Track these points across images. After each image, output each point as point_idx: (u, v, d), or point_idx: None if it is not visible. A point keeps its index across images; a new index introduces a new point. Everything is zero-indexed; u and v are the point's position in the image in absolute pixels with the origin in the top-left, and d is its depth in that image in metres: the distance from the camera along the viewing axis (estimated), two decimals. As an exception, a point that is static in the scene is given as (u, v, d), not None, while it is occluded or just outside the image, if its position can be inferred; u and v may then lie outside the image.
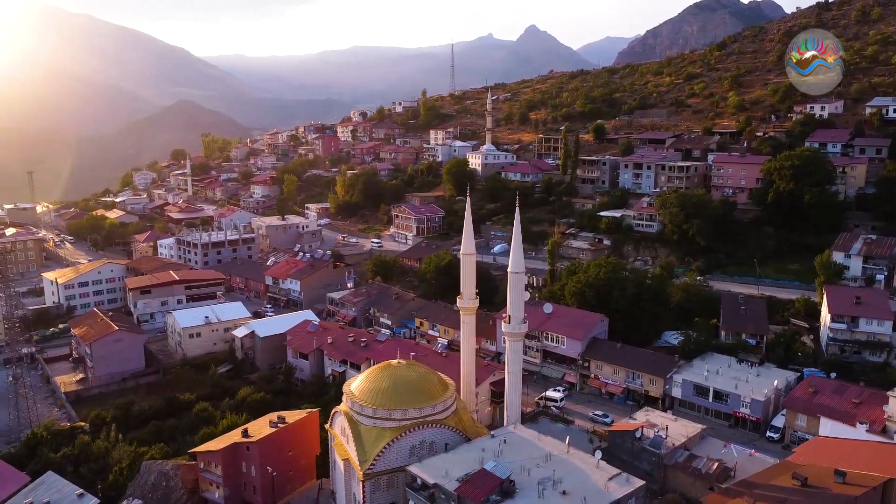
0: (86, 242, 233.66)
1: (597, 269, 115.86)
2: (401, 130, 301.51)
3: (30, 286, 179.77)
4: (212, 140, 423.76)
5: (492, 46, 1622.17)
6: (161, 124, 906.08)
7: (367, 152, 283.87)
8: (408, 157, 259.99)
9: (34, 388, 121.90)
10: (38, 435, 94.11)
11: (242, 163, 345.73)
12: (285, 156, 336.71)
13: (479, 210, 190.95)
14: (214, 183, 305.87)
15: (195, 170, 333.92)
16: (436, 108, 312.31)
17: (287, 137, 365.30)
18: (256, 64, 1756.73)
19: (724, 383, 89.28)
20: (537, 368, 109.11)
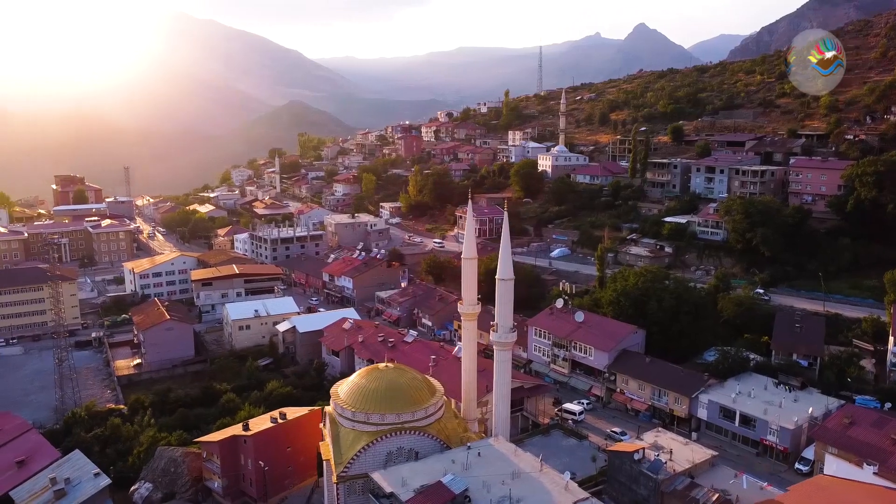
0: (175, 235, 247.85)
1: (636, 277, 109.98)
2: (482, 131, 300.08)
3: (116, 274, 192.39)
4: (307, 139, 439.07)
5: (599, 45, 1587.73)
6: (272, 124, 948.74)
7: (446, 152, 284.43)
8: (484, 157, 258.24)
9: (96, 371, 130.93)
10: (77, 414, 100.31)
11: (331, 161, 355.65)
12: (371, 155, 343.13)
13: (543, 212, 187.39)
14: (302, 181, 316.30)
15: (286, 168, 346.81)
16: (519, 108, 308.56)
17: (375, 137, 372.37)
18: (365, 65, 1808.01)
19: (752, 407, 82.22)
20: (565, 379, 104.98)
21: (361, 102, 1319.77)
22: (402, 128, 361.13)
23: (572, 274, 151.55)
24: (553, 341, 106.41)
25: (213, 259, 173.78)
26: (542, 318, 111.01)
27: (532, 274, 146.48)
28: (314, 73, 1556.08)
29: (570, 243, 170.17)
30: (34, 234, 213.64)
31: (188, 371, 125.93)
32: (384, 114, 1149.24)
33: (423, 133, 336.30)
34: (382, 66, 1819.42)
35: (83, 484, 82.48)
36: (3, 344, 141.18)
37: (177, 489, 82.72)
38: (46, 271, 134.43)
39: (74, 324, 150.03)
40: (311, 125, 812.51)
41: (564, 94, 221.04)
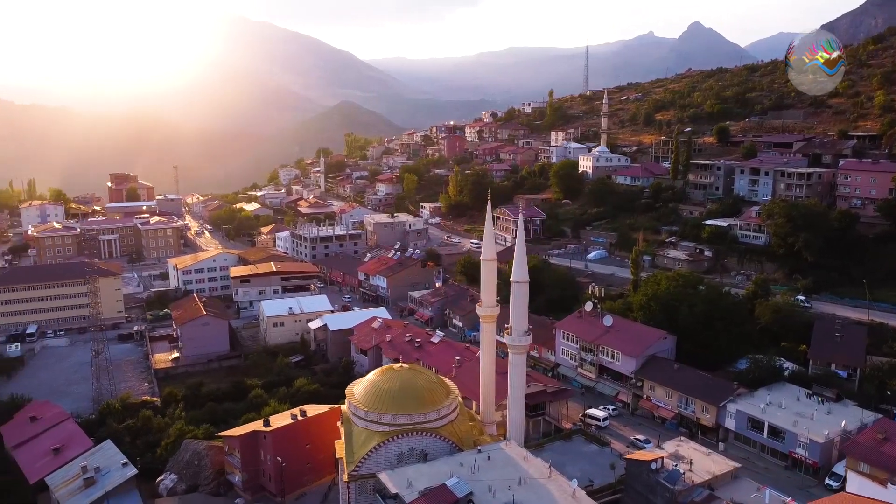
0: (221, 232, 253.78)
1: (668, 282, 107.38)
2: (525, 131, 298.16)
3: (162, 270, 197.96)
4: (354, 139, 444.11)
5: (652, 44, 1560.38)
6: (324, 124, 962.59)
7: (488, 152, 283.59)
8: (526, 158, 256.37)
9: (136, 363, 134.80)
10: (111, 406, 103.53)
11: (376, 161, 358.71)
12: (415, 155, 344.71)
13: (581, 214, 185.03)
14: (346, 180, 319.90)
15: (331, 167, 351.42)
16: (563, 108, 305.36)
17: (420, 138, 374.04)
18: (415, 66, 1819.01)
19: (781, 418, 79.24)
20: (592, 384, 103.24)
21: (411, 103, 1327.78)
22: (447, 128, 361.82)
23: (608, 277, 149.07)
24: (581, 345, 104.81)
25: (253, 256, 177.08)
26: (570, 322, 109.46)
27: (567, 276, 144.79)
28: (365, 73, 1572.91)
29: (608, 246, 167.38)
30: (86, 229, 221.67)
31: (223, 366, 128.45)
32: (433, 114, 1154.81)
33: (466, 133, 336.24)
34: (432, 66, 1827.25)
35: (111, 473, 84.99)
36: (50, 335, 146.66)
37: (200, 482, 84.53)
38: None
39: (118, 317, 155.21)
40: (361, 125, 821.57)
41: (607, 94, 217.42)
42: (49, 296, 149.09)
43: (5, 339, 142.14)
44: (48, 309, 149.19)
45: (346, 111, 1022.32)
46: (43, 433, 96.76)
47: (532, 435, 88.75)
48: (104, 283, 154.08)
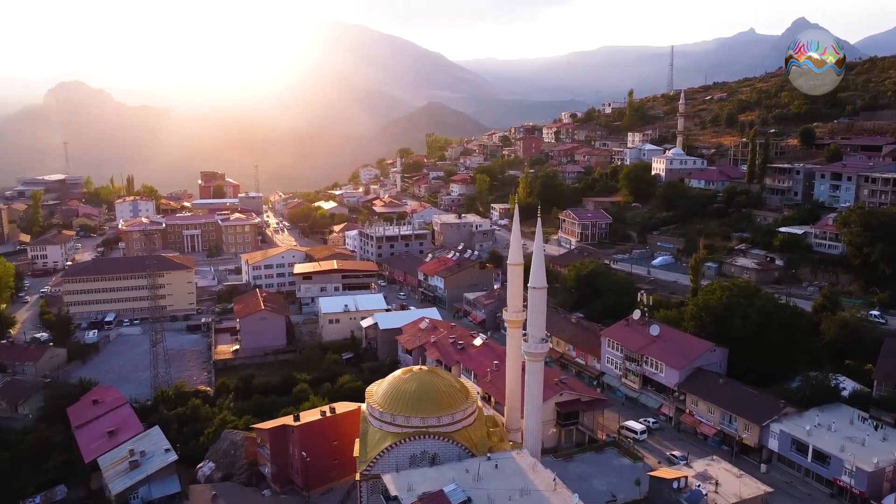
0: (297, 230, 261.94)
1: (722, 291, 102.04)
2: (603, 132, 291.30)
3: (238, 265, 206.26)
4: (434, 139, 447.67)
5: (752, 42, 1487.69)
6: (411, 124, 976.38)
7: (563, 154, 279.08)
8: (601, 160, 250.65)
9: (199, 354, 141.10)
10: (165, 393, 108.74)
11: (453, 162, 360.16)
12: (493, 156, 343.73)
13: (649, 218, 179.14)
14: (422, 180, 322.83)
15: (409, 167, 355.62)
16: (644, 109, 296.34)
17: (499, 138, 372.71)
18: (505, 66, 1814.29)
19: (828, 442, 73.70)
20: (636, 395, 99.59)
21: (499, 103, 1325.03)
22: (525, 129, 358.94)
23: (670, 284, 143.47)
24: (625, 355, 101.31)
25: (319, 254, 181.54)
26: (616, 330, 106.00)
27: (625, 282, 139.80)
28: (455, 74, 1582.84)
29: (675, 252, 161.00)
30: (171, 224, 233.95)
31: (278, 359, 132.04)
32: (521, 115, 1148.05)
33: (543, 134, 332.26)
34: (522, 66, 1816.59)
35: (155, 458, 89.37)
36: (126, 324, 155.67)
37: (234, 471, 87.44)
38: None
39: (189, 309, 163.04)
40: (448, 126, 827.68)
41: (684, 94, 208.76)
42: (125, 286, 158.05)
43: (87, 326, 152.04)
44: (125, 299, 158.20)
45: (434, 111, 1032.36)
46: (102, 416, 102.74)
47: (564, 444, 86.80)
48: (177, 276, 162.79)
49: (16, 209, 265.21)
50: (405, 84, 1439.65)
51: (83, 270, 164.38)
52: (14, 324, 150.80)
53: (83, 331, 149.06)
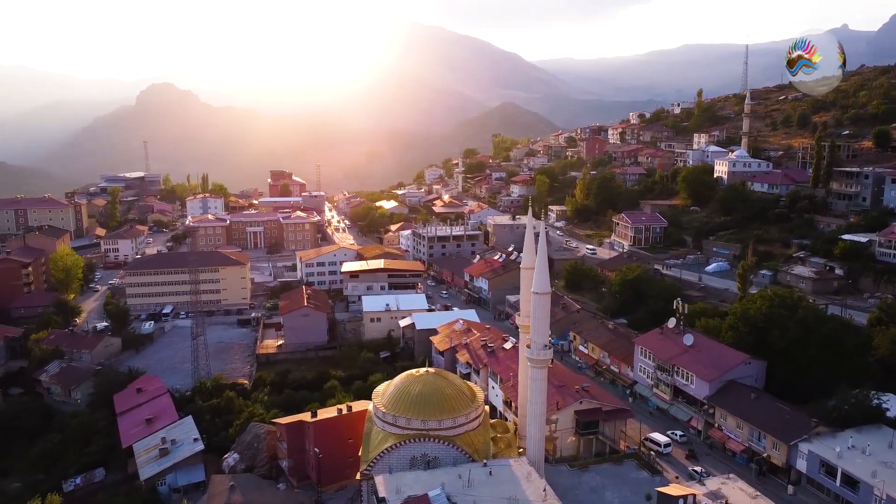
0: (357, 228, 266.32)
1: (762, 301, 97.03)
2: (669, 133, 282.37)
3: (294, 262, 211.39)
4: (500, 140, 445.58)
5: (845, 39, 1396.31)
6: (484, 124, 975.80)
7: (627, 155, 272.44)
8: (664, 161, 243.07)
9: (245, 347, 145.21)
10: (203, 384, 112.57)
11: (517, 162, 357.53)
12: (557, 157, 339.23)
13: (707, 223, 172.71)
14: (484, 181, 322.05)
15: (472, 168, 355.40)
16: (713, 109, 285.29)
17: (564, 139, 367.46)
18: (583, 66, 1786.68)
19: (860, 466, 68.88)
20: (666, 406, 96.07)
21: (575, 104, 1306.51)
22: (591, 129, 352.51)
23: (721, 292, 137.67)
24: (657, 364, 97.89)
25: (369, 253, 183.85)
26: (649, 338, 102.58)
27: (672, 288, 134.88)
28: (531, 74, 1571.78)
29: (731, 258, 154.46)
30: (235, 221, 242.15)
31: (319, 356, 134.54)
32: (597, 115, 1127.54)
33: (609, 135, 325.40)
34: (600, 66, 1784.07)
35: (183, 446, 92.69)
36: (182, 316, 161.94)
37: (256, 463, 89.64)
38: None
39: (242, 304, 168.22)
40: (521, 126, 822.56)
41: (750, 93, 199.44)
42: (181, 280, 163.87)
43: (145, 318, 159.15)
44: (181, 292, 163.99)
45: (507, 112, 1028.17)
46: (143, 404, 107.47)
47: (582, 454, 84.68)
48: (231, 271, 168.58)
49: (95, 205, 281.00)
50: (480, 84, 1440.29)
51: (144, 264, 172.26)
52: (80, 313, 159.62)
53: (142, 322, 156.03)
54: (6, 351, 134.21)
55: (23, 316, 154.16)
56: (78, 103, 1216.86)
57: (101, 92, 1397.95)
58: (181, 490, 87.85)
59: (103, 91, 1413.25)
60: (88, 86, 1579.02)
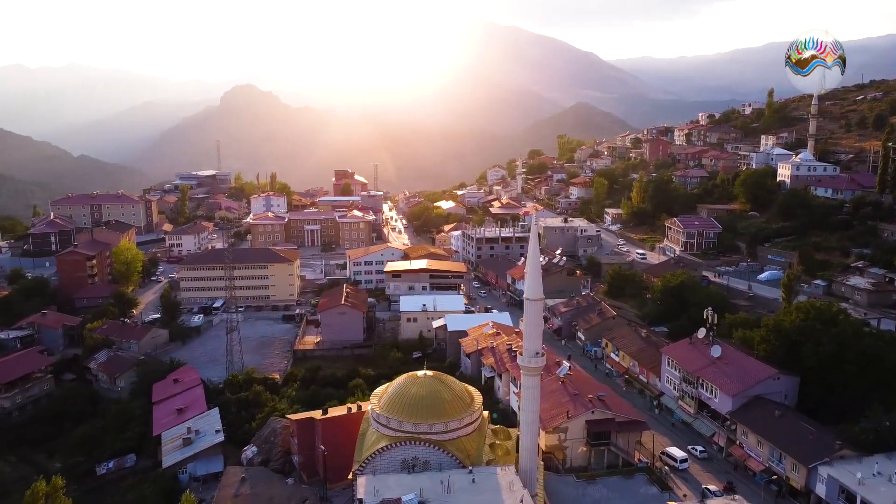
0: (412, 228, 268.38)
1: (798, 312, 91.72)
2: (737, 135, 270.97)
3: (345, 260, 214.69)
4: (565, 141, 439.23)
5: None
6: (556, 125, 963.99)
7: (691, 157, 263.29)
8: (728, 164, 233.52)
9: (286, 343, 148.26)
10: (235, 378, 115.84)
11: (580, 164, 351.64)
12: (621, 159, 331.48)
13: (763, 228, 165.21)
14: (543, 182, 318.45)
15: (534, 169, 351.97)
16: (785, 110, 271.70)
17: (630, 140, 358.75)
18: (662, 66, 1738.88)
19: (883, 496, 63.97)
20: (690, 419, 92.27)
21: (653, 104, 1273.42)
22: (658, 130, 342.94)
23: (771, 302, 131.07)
24: (682, 375, 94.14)
25: (415, 253, 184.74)
26: (677, 348, 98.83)
27: (717, 297, 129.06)
28: (607, 74, 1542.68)
29: (786, 266, 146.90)
30: (294, 219, 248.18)
31: (354, 353, 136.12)
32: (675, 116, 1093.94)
33: (675, 136, 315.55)
34: (680, 65, 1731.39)
35: (206, 437, 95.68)
36: (233, 311, 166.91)
37: (271, 457, 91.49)
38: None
39: (289, 300, 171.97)
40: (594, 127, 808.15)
41: (816, 95, 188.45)
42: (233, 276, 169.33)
43: (198, 311, 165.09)
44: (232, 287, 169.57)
45: (581, 112, 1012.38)
46: (177, 394, 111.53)
47: (593, 465, 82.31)
48: (279, 268, 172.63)
49: (166, 202, 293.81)
50: (555, 84, 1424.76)
51: (197, 259, 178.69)
52: (137, 305, 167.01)
53: (194, 314, 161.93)
54: (64, 338, 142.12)
55: (85, 306, 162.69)
56: (168, 104, 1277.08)
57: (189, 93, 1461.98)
58: (200, 479, 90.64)
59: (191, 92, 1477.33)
60: (178, 87, 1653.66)
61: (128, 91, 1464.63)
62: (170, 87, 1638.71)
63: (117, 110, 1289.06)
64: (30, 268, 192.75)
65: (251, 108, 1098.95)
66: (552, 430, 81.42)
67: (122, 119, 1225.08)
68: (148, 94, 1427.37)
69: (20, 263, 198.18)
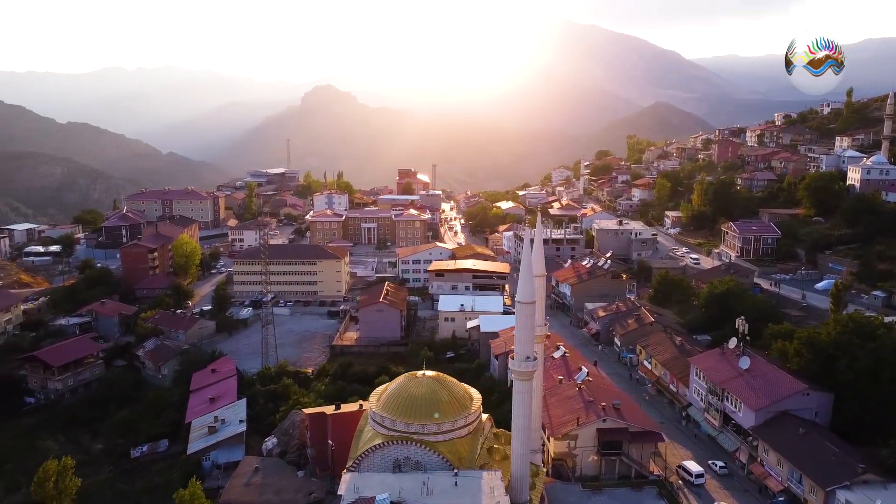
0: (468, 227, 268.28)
1: (835, 325, 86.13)
2: (812, 136, 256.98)
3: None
4: (636, 142, 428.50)
5: None
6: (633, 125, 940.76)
7: (760, 159, 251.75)
8: (798, 166, 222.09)
9: (328, 338, 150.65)
10: (267, 370, 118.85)
11: (647, 165, 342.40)
12: (690, 160, 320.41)
13: (826, 235, 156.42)
14: (606, 183, 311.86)
15: (599, 170, 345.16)
16: (866, 110, 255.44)
17: (701, 141, 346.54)
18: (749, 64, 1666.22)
19: (900, 525, 59.39)
20: (715, 433, 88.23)
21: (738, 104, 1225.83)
22: (730, 131, 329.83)
23: (824, 313, 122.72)
24: (709, 387, 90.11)
25: (462, 253, 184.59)
26: (706, 358, 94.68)
27: (765, 306, 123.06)
28: (690, 73, 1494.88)
29: (847, 275, 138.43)
30: (351, 217, 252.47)
31: (390, 351, 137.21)
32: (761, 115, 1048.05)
33: (747, 137, 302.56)
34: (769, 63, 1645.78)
35: (230, 427, 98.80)
36: (282, 305, 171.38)
37: (289, 449, 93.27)
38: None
39: (336, 296, 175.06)
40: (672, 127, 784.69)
41: (893, 94, 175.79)
42: (283, 271, 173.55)
43: (248, 304, 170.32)
44: (282, 282, 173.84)
45: (659, 112, 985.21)
46: (213, 384, 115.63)
47: (604, 475, 79.89)
48: (327, 265, 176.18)
49: (235, 198, 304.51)
50: (633, 83, 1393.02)
51: (249, 254, 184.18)
52: (192, 296, 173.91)
53: (245, 307, 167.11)
54: (120, 326, 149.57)
55: (145, 296, 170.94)
56: (252, 104, 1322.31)
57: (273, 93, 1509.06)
58: (221, 467, 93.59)
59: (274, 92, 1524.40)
60: (262, 88, 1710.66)
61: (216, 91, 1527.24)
62: (255, 88, 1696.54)
63: (205, 110, 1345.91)
64: (101, 259, 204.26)
65: (330, 108, 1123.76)
66: (561, 436, 79.70)
67: (210, 118, 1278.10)
68: (234, 94, 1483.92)
69: (93, 254, 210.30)
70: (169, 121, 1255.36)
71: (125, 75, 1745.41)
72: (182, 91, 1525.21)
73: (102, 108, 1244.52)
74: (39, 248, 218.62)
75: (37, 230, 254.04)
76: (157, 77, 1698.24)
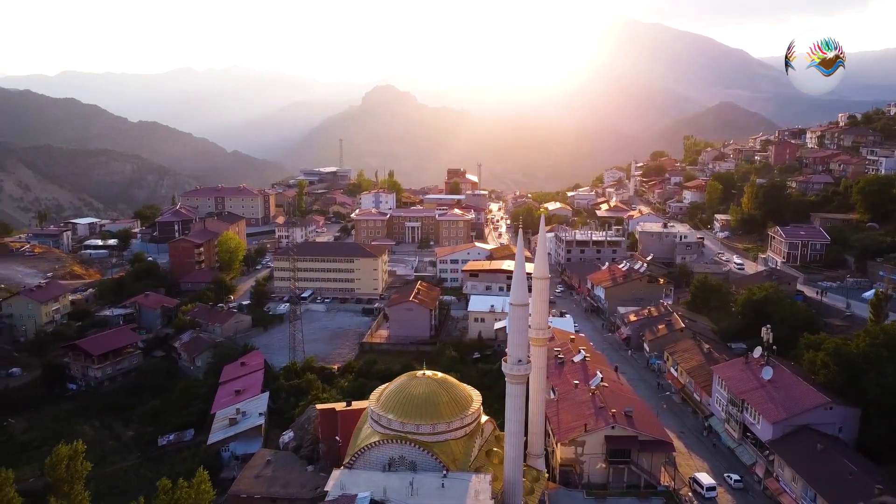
0: (513, 228, 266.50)
1: (866, 336, 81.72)
2: (876, 137, 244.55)
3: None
4: (693, 142, 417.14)
5: None
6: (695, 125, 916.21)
7: (819, 161, 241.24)
8: (859, 169, 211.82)
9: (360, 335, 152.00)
10: (293, 365, 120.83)
11: (702, 166, 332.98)
12: (747, 162, 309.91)
13: (878, 241, 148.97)
14: (657, 185, 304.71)
15: (652, 171, 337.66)
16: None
17: (760, 143, 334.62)
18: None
19: (912, 550, 55.88)
20: (734, 444, 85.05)
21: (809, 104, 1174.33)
22: (790, 132, 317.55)
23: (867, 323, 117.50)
24: (729, 397, 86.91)
25: (499, 254, 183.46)
26: (729, 368, 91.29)
27: (804, 314, 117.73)
28: (758, 72, 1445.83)
29: (888, 282, 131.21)
30: (396, 216, 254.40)
31: (418, 349, 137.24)
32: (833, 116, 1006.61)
33: (807, 138, 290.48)
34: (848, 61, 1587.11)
35: (250, 419, 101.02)
36: (319, 301, 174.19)
37: (303, 443, 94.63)
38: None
39: (373, 294, 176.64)
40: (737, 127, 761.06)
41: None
42: (321, 268, 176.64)
43: (288, 299, 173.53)
44: (320, 279, 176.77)
45: (723, 112, 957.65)
46: (241, 377, 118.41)
47: (611, 483, 78.09)
48: (364, 262, 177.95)
49: (286, 196, 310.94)
50: (698, 83, 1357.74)
51: (288, 251, 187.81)
52: (234, 291, 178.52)
53: (284, 303, 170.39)
54: (161, 318, 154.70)
55: (189, 289, 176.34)
56: (315, 104, 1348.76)
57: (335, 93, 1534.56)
58: (239, 458, 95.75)
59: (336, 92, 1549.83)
60: (325, 88, 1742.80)
61: (280, 92, 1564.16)
62: (318, 88, 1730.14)
63: (270, 110, 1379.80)
64: (153, 253, 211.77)
65: (389, 108, 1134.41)
66: (568, 442, 78.32)
67: (274, 118, 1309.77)
68: (298, 94, 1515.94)
69: (146, 248, 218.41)
70: (235, 120, 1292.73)
71: (195, 76, 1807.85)
72: (248, 91, 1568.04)
73: (172, 107, 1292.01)
74: (98, 242, 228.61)
75: (98, 224, 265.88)
76: (226, 78, 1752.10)
